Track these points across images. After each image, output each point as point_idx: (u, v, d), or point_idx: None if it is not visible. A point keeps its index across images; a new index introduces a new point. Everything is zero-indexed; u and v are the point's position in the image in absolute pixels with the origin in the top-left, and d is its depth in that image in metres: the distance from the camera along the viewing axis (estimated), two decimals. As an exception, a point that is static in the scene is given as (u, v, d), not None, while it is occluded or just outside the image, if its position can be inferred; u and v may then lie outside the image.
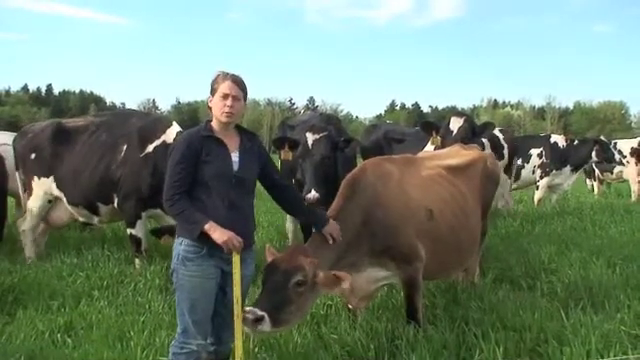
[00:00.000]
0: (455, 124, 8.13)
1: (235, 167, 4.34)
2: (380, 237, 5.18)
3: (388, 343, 5.22)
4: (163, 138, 7.84)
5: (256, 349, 5.14)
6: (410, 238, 5.34)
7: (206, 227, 4.13)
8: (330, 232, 4.81)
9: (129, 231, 8.00)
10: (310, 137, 7.20)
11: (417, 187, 5.67)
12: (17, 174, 9.08)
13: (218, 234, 4.12)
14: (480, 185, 6.51)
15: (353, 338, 5.29)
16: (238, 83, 4.40)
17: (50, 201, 8.67)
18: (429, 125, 8.85)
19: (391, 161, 5.86)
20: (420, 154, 7.22)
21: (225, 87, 4.34)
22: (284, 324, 4.44)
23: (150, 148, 7.84)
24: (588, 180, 20.56)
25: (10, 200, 10.18)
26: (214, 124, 4.42)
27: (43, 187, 8.59)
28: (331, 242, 4.79)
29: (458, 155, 6.62)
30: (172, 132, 7.86)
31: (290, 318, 4.45)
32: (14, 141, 9.22)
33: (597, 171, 18.96)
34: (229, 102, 4.31)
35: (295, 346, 5.20)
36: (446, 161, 6.34)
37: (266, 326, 4.21)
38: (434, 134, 8.49)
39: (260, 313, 4.17)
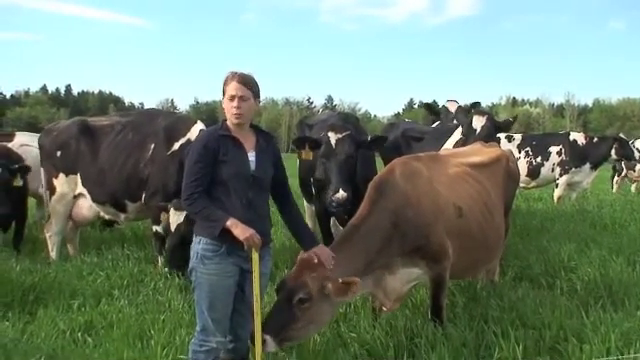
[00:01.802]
0: (478, 123, 8.07)
1: (252, 167, 4.34)
2: (411, 237, 5.16)
3: (407, 341, 5.22)
4: (188, 136, 7.99)
5: (275, 347, 5.15)
6: (440, 236, 5.31)
7: (228, 223, 4.14)
8: (318, 255, 4.53)
9: (154, 228, 8.06)
10: (333, 136, 7.10)
11: (445, 185, 5.64)
12: (42, 172, 9.10)
13: (240, 230, 4.14)
14: (503, 182, 6.49)
15: (372, 336, 5.29)
16: (245, 83, 4.33)
17: (75, 197, 8.71)
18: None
19: (418, 159, 5.83)
20: (442, 152, 7.20)
21: (232, 88, 4.31)
22: (294, 340, 4.56)
23: (176, 146, 7.99)
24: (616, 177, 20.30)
25: (30, 200, 10.27)
26: (229, 124, 4.41)
27: (69, 184, 8.65)
28: (315, 262, 4.53)
29: (480, 153, 6.60)
30: (196, 130, 8.00)
31: (299, 334, 4.53)
32: (40, 139, 9.27)
33: (625, 169, 18.77)
34: (236, 103, 4.29)
35: (314, 345, 5.19)
36: (470, 158, 6.32)
37: (271, 347, 4.31)
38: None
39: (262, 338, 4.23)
